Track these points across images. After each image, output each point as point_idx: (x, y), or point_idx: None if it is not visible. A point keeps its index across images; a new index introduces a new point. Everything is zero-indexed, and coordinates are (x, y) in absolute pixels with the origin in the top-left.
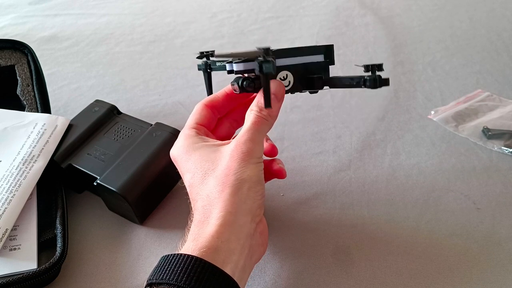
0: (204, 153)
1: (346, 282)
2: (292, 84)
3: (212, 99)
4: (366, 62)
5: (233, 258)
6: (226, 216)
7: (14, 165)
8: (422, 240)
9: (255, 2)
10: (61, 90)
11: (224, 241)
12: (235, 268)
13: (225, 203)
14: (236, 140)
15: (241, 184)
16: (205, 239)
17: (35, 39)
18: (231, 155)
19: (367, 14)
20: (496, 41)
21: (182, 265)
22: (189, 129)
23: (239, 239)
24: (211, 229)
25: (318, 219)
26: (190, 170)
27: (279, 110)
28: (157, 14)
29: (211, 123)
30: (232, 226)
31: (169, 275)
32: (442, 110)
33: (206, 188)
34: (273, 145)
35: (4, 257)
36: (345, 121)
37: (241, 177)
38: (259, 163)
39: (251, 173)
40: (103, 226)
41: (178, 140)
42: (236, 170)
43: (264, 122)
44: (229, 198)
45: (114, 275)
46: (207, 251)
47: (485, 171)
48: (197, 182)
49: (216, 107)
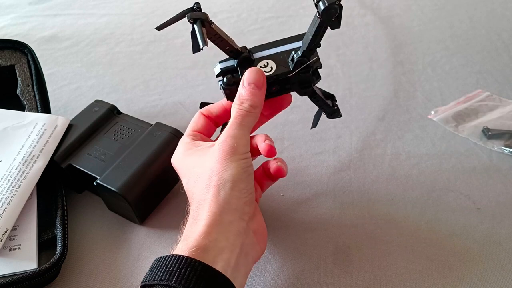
0: (195, 158)
1: (346, 282)
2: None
3: (209, 108)
4: (366, 62)
5: (223, 257)
6: (211, 216)
7: (14, 165)
8: (422, 240)
9: (255, 2)
10: (61, 90)
11: (212, 240)
12: (226, 266)
13: (209, 203)
14: (219, 139)
15: (222, 184)
16: (194, 239)
17: (35, 39)
18: (214, 156)
19: (367, 14)
20: (496, 41)
21: (173, 265)
22: (185, 137)
23: (227, 238)
24: (199, 229)
25: (318, 219)
26: (185, 175)
27: (261, 98)
28: (157, 14)
29: (208, 130)
30: (218, 226)
31: (161, 276)
32: (442, 110)
33: (196, 191)
34: (270, 145)
35: (4, 257)
36: (345, 121)
37: (222, 177)
38: (244, 159)
39: (233, 172)
40: (103, 226)
41: (177, 148)
42: (218, 170)
43: (246, 114)
44: (212, 198)
45: (114, 275)
46: (196, 250)
47: (485, 171)
48: (191, 186)
49: (212, 115)
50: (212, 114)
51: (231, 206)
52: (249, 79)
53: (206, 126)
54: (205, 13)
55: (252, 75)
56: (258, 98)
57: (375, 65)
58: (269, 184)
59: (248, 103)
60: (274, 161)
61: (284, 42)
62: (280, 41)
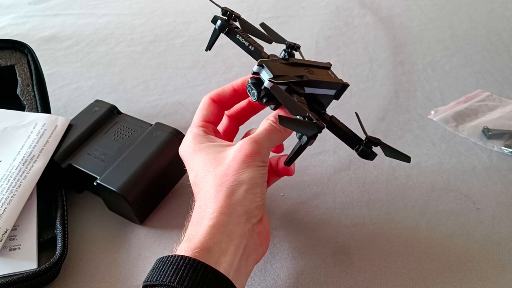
0: (209, 153)
1: (346, 282)
2: None
3: (220, 93)
4: (366, 62)
5: (226, 258)
6: (219, 217)
7: (14, 165)
8: (422, 240)
9: (255, 2)
10: (61, 90)
11: (217, 242)
12: (229, 268)
13: (220, 204)
14: (242, 141)
15: (238, 185)
16: (198, 239)
17: (35, 39)
18: (234, 156)
19: (367, 14)
20: (496, 41)
21: (175, 266)
22: (196, 128)
23: (232, 240)
24: (203, 230)
25: (318, 219)
26: (194, 169)
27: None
28: (157, 14)
29: (218, 119)
30: (225, 227)
31: (163, 276)
32: (442, 110)
33: (204, 187)
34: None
35: (4, 257)
36: (345, 121)
37: (239, 178)
38: (262, 167)
39: (251, 175)
40: (103, 226)
41: (186, 138)
42: (236, 170)
43: (277, 132)
44: (224, 199)
45: (114, 275)
46: (199, 251)
47: (485, 171)
48: (198, 181)
49: (223, 102)
50: (224, 98)
51: (243, 208)
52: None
53: (217, 114)
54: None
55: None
56: None
57: (375, 65)
58: (274, 180)
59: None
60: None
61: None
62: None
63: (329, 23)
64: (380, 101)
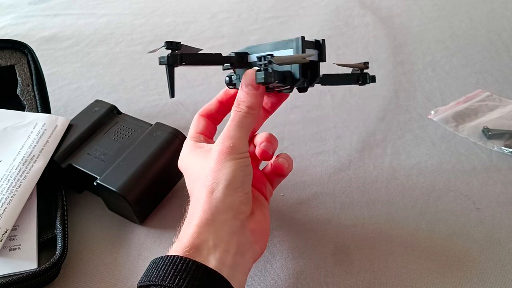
0: (197, 159)
1: (346, 282)
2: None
3: (206, 108)
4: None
5: (216, 256)
6: (203, 216)
7: (14, 165)
8: (422, 240)
9: (255, 2)
10: (61, 90)
11: (205, 240)
12: (221, 265)
13: (203, 202)
14: (217, 141)
15: (216, 183)
16: (187, 239)
17: (35, 39)
18: (211, 156)
19: (367, 14)
20: (496, 41)
21: (167, 265)
22: (189, 139)
23: (220, 237)
24: (191, 230)
25: (318, 219)
26: (189, 176)
27: (259, 99)
28: (157, 14)
29: (210, 131)
30: (210, 225)
31: (155, 277)
32: (442, 110)
33: (195, 191)
34: (263, 150)
35: (4, 257)
36: (345, 121)
37: (217, 176)
38: (240, 159)
39: (228, 170)
40: (103, 226)
41: (181, 151)
42: (214, 169)
43: (243, 116)
44: (205, 198)
45: (114, 275)
46: (189, 250)
47: (485, 171)
48: (190, 186)
49: (211, 115)
50: (212, 111)
51: (225, 205)
52: (246, 81)
53: (208, 127)
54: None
55: (248, 77)
56: (255, 99)
57: (375, 65)
58: (279, 181)
59: (245, 104)
60: (276, 158)
61: (276, 46)
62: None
63: (329, 23)
64: (380, 101)
